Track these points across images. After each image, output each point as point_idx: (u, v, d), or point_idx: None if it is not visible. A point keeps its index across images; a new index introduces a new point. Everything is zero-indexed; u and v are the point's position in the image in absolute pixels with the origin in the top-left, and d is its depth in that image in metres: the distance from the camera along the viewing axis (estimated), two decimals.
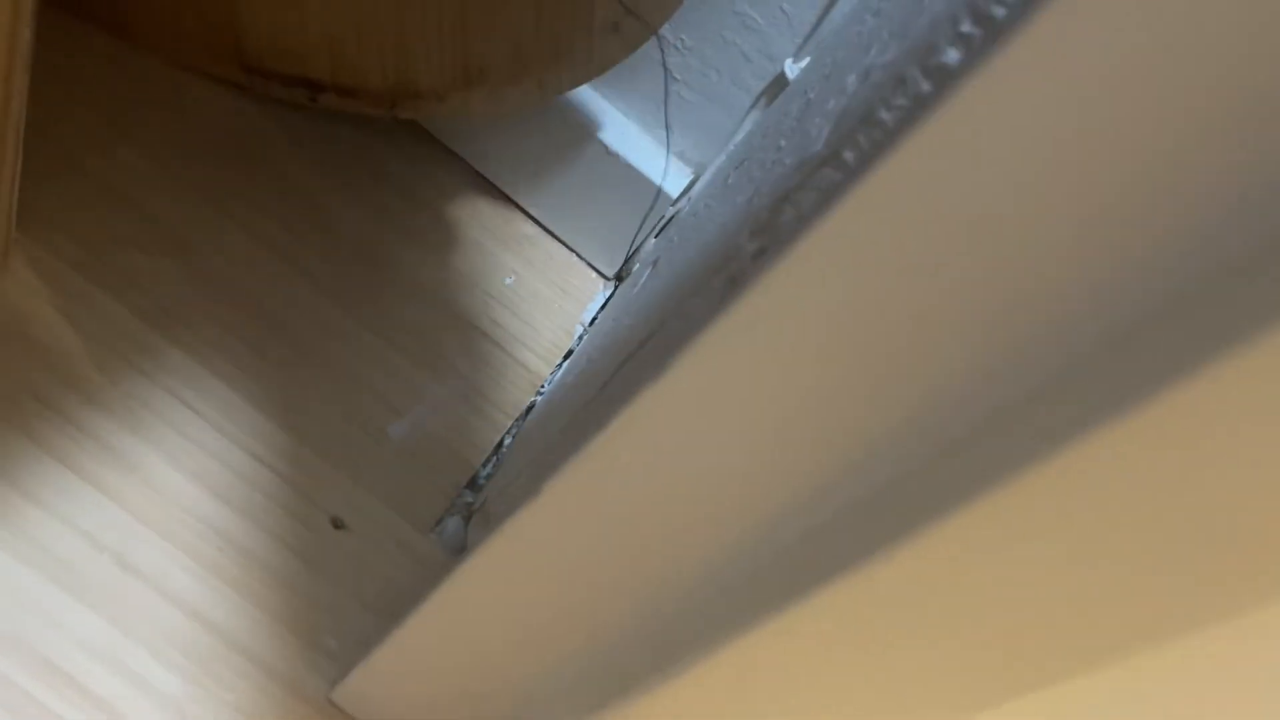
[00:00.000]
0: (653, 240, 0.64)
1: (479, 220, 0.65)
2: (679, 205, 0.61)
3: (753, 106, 0.57)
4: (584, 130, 0.60)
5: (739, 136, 0.58)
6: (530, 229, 0.66)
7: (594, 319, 0.65)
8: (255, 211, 0.57)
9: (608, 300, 0.66)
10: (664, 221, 0.62)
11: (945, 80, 0.21)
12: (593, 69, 0.49)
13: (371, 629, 0.48)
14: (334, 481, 0.52)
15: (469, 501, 0.54)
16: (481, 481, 0.56)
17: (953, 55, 0.23)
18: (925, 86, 0.23)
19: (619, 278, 0.67)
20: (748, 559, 0.27)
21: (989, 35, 0.21)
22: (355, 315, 0.57)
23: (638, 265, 0.66)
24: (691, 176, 0.62)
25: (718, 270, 0.32)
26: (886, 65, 0.28)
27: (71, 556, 0.45)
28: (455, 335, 0.59)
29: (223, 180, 0.57)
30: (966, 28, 0.23)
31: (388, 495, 0.52)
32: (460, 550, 0.53)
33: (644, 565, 0.29)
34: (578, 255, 0.67)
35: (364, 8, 0.50)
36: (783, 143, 0.41)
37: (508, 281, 0.63)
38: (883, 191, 0.19)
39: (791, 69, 0.54)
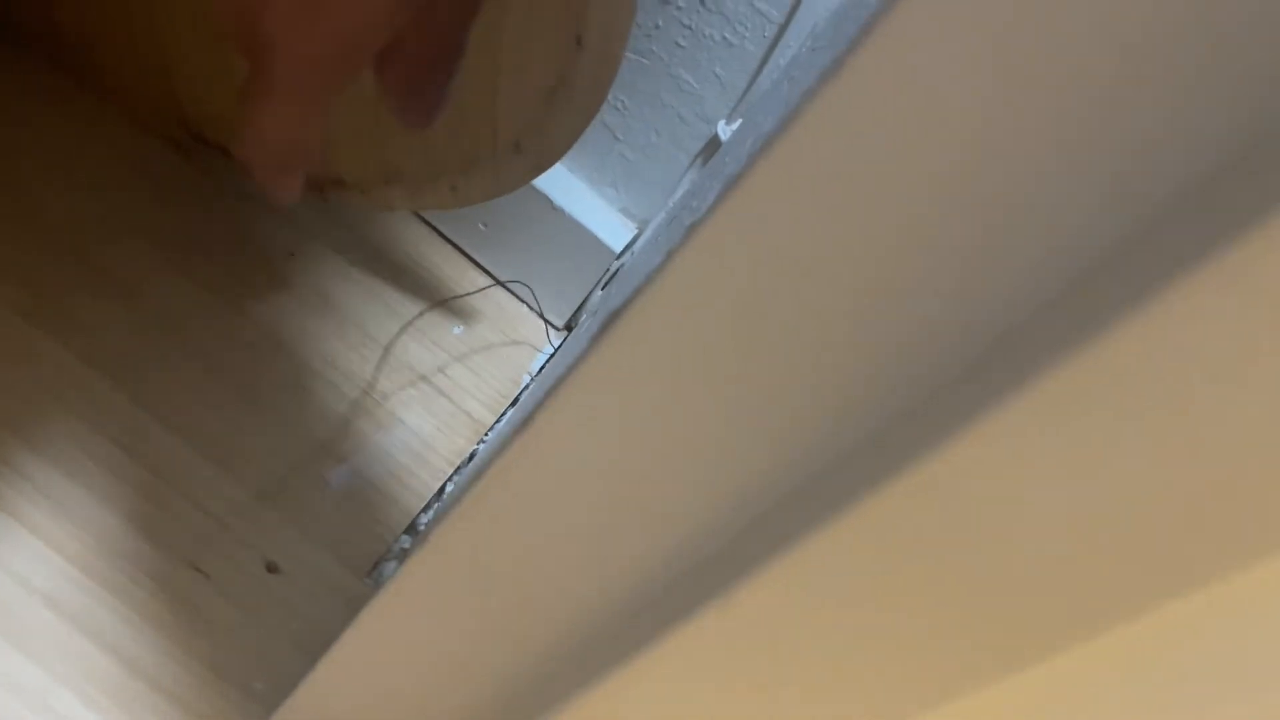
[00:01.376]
0: (599, 292, 0.65)
1: (430, 271, 0.66)
2: (623, 260, 0.63)
3: (690, 166, 0.59)
4: (531, 186, 0.62)
5: (677, 195, 0.60)
6: (481, 280, 0.68)
7: (542, 368, 0.66)
8: (204, 259, 0.59)
9: (556, 350, 0.67)
10: (610, 274, 0.64)
11: None
12: (502, 185, 0.51)
13: (302, 672, 0.48)
14: (272, 526, 0.52)
15: (406, 547, 0.55)
16: (421, 527, 0.57)
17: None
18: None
19: (569, 328, 0.68)
20: (620, 598, 0.28)
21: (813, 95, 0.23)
22: (300, 362, 0.58)
23: (585, 316, 0.68)
24: (635, 232, 0.63)
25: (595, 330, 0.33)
26: (771, 133, 0.30)
27: (3, 598, 0.46)
28: (401, 384, 0.60)
29: (173, 229, 0.59)
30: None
31: (325, 540, 0.53)
32: None
33: (531, 605, 0.30)
34: (528, 306, 0.68)
35: None
36: (695, 203, 0.43)
37: (457, 331, 0.65)
38: (713, 243, 0.20)
39: (724, 130, 0.56)
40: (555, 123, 0.47)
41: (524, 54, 0.45)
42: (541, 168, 0.51)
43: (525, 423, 0.26)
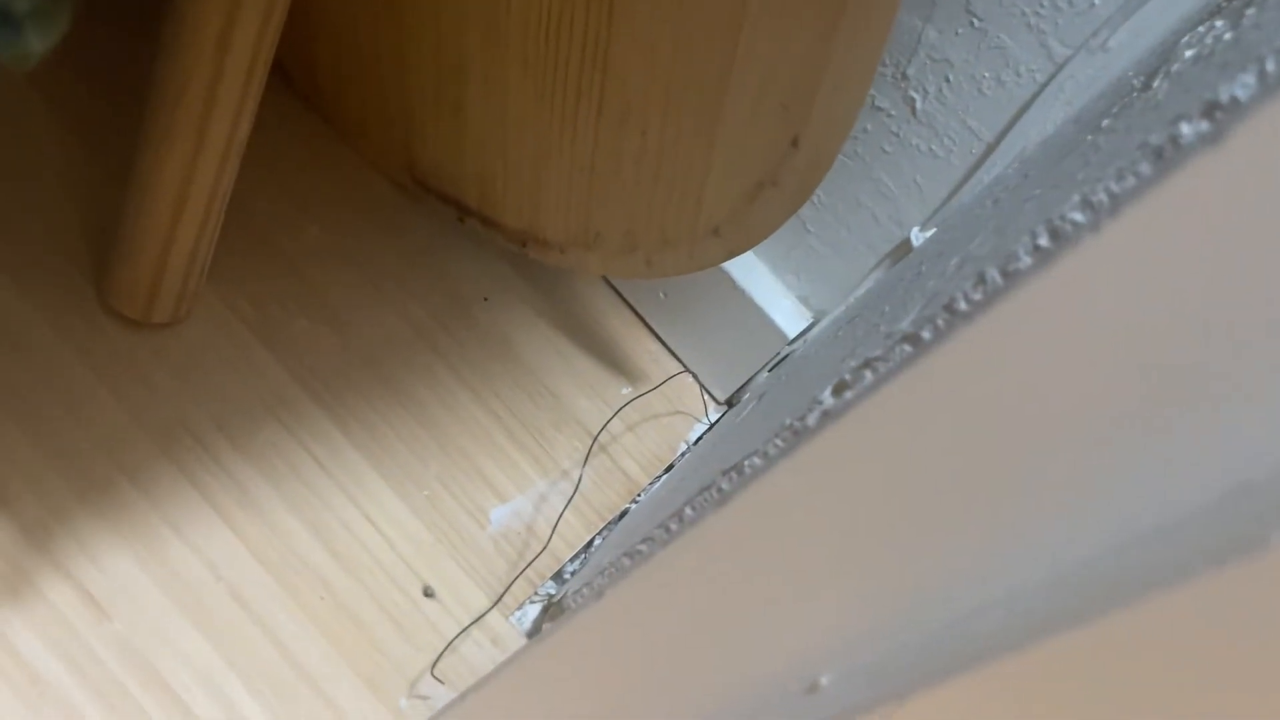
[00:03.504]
0: (765, 374, 0.67)
1: (609, 332, 0.69)
2: (794, 346, 0.64)
3: (876, 267, 0.60)
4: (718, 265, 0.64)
5: (859, 292, 0.61)
6: (654, 346, 0.71)
7: (699, 439, 0.68)
8: (409, 297, 0.63)
9: (715, 423, 0.69)
10: (779, 359, 0.65)
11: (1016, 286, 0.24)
12: (695, 263, 0.54)
13: (440, 698, 0.51)
14: (433, 553, 0.56)
15: (551, 593, 0.57)
16: (567, 576, 0.59)
17: (1026, 262, 0.25)
18: (1001, 286, 0.26)
19: (729, 403, 0.70)
20: (775, 691, 0.29)
21: (1059, 250, 0.24)
22: (481, 403, 0.62)
23: (748, 395, 0.69)
24: (810, 321, 0.65)
25: (796, 419, 0.34)
26: (978, 259, 0.31)
27: (194, 582, 0.50)
28: (567, 435, 0.63)
29: (387, 267, 0.63)
30: (1043, 241, 0.25)
31: (479, 574, 0.56)
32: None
33: (681, 679, 0.32)
34: (694, 377, 0.70)
35: (510, 161, 0.56)
36: (887, 308, 0.44)
37: (624, 391, 0.67)
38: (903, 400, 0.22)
39: (917, 237, 0.57)
40: (757, 215, 0.50)
41: (740, 150, 0.47)
42: (736, 253, 0.53)
43: (720, 506, 0.28)
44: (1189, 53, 0.32)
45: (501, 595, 0.55)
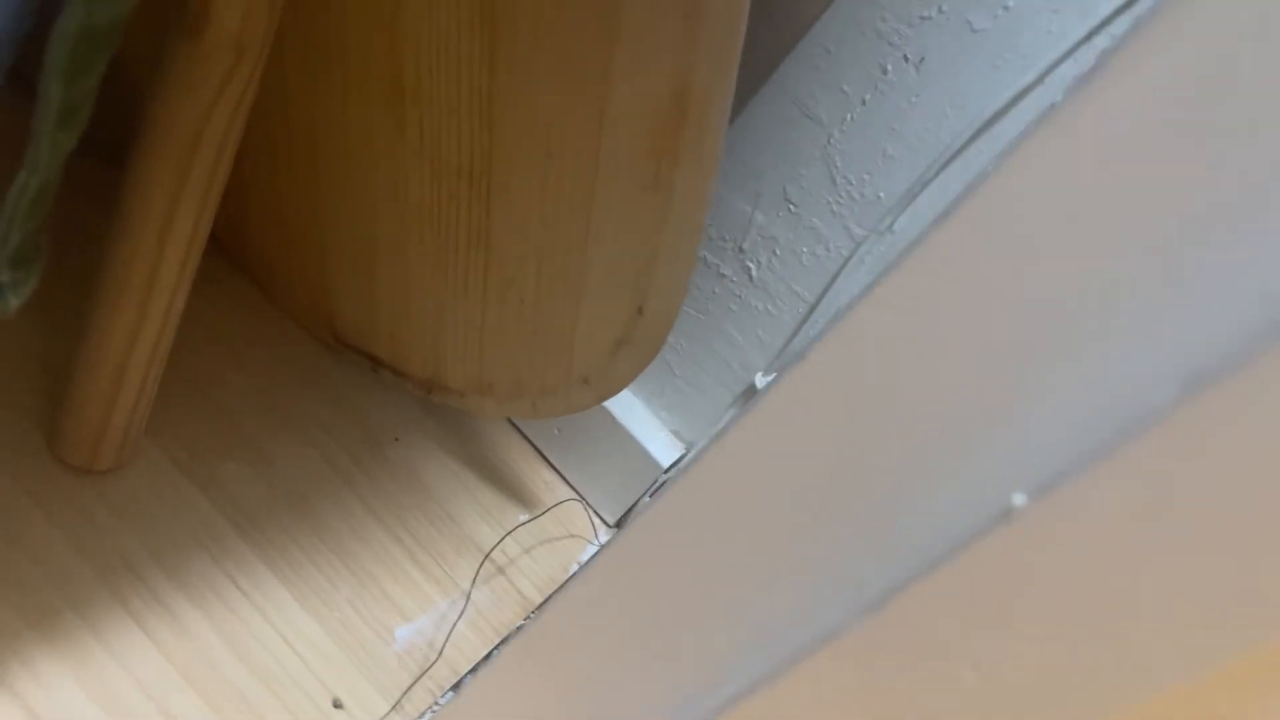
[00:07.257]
0: (648, 499, 0.76)
1: (509, 464, 0.78)
2: (670, 474, 0.74)
3: (731, 406, 0.70)
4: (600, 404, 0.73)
5: (719, 427, 0.71)
6: (549, 475, 0.79)
7: (590, 559, 0.76)
8: (329, 438, 0.71)
9: (604, 545, 0.77)
10: (657, 485, 0.74)
11: None
12: (571, 407, 0.64)
13: None
14: (343, 669, 0.63)
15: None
16: (466, 687, 0.66)
17: None
18: None
19: (618, 526, 0.79)
20: None
21: None
22: (389, 532, 0.70)
23: (633, 518, 0.78)
24: (683, 451, 0.74)
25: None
26: None
27: (127, 699, 0.56)
28: (467, 559, 0.71)
29: (308, 411, 0.72)
30: None
31: (384, 688, 0.63)
32: None
33: None
34: (585, 503, 0.79)
35: (414, 322, 0.66)
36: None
37: (522, 519, 0.75)
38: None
39: (761, 381, 0.67)
40: (617, 367, 0.59)
41: (598, 316, 0.57)
42: (604, 398, 0.63)
43: (556, 596, 0.37)
44: None
45: (399, 700, 0.62)
